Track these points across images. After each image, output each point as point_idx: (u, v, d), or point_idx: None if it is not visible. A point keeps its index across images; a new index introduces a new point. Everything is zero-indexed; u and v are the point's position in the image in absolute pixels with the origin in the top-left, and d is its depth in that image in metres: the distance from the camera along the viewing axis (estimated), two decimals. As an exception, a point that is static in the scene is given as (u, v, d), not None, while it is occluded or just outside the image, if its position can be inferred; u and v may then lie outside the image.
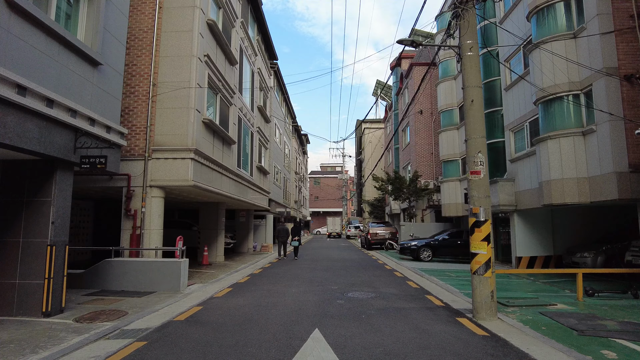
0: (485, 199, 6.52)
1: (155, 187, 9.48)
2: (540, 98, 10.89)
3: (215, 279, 10.20)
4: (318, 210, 67.36)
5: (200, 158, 9.86)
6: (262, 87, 18.82)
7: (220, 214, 14.73)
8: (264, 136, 18.75)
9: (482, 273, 6.29)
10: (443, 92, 20.53)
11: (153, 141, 9.54)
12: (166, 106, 9.64)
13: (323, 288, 8.80)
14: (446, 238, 16.83)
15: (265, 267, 13.22)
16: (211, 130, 10.85)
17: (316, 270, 12.44)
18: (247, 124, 15.32)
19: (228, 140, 12.33)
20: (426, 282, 10.12)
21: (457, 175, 19.48)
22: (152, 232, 9.37)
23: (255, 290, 8.60)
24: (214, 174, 11.09)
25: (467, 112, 6.82)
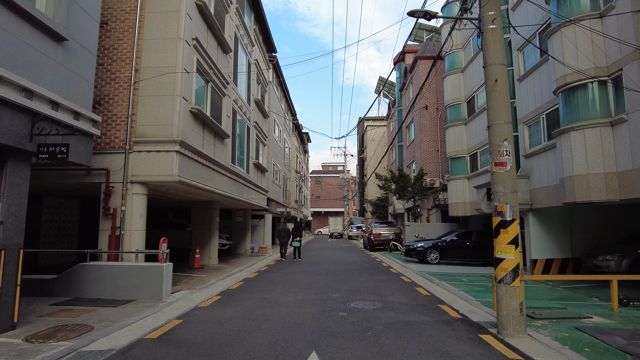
0: (512, 195, 5.57)
1: (137, 183, 8.56)
2: (561, 86, 9.92)
3: (204, 285, 9.27)
4: (319, 210, 66.36)
5: (187, 151, 8.93)
6: (260, 80, 17.89)
7: (213, 213, 13.80)
8: (261, 132, 17.82)
9: (510, 282, 5.34)
10: (450, 86, 19.56)
11: (135, 132, 8.62)
12: (150, 94, 8.72)
13: (323, 296, 7.86)
14: (455, 239, 15.87)
15: (261, 271, 12.28)
16: (201, 122, 9.93)
17: (316, 274, 11.50)
18: (243, 118, 14.40)
19: (221, 134, 11.40)
20: (437, 289, 9.17)
21: (465, 173, 18.51)
22: (133, 233, 8.45)
23: (246, 298, 7.67)
24: (204, 169, 10.16)
25: (490, 94, 5.87)
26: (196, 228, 13.70)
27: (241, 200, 14.02)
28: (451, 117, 19.45)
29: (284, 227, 17.39)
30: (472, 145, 17.94)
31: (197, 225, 13.71)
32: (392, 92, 40.78)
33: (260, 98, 17.67)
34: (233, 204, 15.52)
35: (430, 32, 29.81)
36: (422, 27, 30.33)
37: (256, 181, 16.75)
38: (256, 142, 16.94)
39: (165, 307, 6.86)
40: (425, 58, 23.40)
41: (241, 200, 14.02)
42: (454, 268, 14.04)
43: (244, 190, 14.52)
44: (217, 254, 13.82)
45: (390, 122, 33.67)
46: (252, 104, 16.02)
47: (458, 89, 19.24)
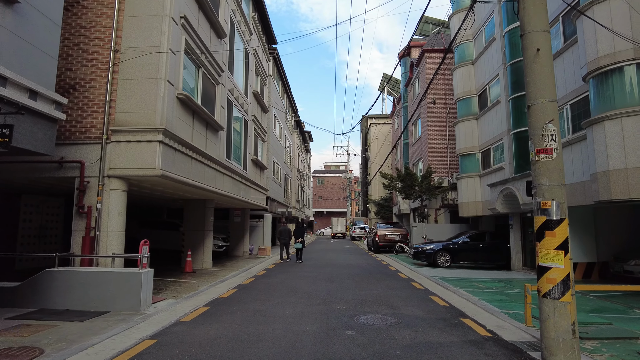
0: (559, 189, 4.53)
1: (115, 178, 7.55)
2: (593, 71, 8.85)
3: (192, 293, 8.25)
4: (322, 211, 65.30)
5: (173, 142, 7.92)
6: (259, 72, 16.88)
7: (207, 212, 12.78)
8: (260, 127, 16.81)
9: (558, 296, 4.29)
10: (460, 79, 18.50)
11: (113, 120, 7.61)
12: (130, 77, 7.71)
13: (326, 308, 6.82)
14: (467, 241, 14.80)
15: (258, 276, 11.25)
16: (190, 110, 8.91)
17: (318, 280, 10.46)
18: (239, 110, 13.38)
19: (214, 125, 10.38)
20: (454, 297, 8.11)
21: (476, 171, 17.44)
22: (111, 234, 7.44)
23: (237, 311, 6.64)
24: (194, 163, 9.14)
25: (530, 67, 4.83)
26: (189, 229, 12.69)
27: (237, 199, 13.01)
28: (461, 112, 18.38)
29: (285, 228, 16.46)
30: (484, 142, 16.87)
31: (190, 226, 12.70)
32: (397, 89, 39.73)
33: (259, 91, 16.66)
34: (229, 202, 14.51)
35: (436, 26, 28.75)
36: (428, 20, 29.27)
37: (254, 179, 15.73)
38: (255, 138, 15.92)
39: (142, 322, 5.84)
40: (432, 51, 22.34)
41: (237, 199, 13.01)
42: (467, 272, 12.98)
43: (241, 188, 13.50)
44: (211, 257, 12.81)
45: (394, 119, 32.61)
46: (250, 96, 15.01)
47: (469, 82, 18.18)
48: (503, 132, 15.09)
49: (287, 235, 16.14)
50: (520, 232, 14.27)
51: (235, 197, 12.63)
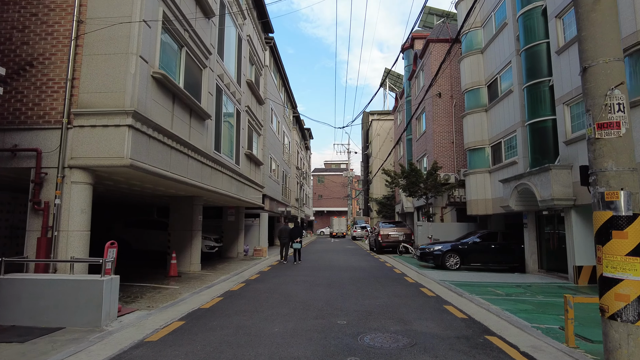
0: (630, 175, 3.44)
1: (78, 169, 6.46)
2: (632, 46, 7.75)
3: (171, 302, 7.17)
4: (322, 210, 64.22)
5: (146, 128, 6.83)
6: (254, 61, 15.79)
7: (195, 210, 11.70)
8: (255, 119, 15.72)
9: (634, 319, 3.21)
10: (468, 69, 17.40)
11: (76, 102, 6.52)
12: (97, 52, 6.63)
13: (324, 323, 5.72)
14: (477, 241, 13.71)
15: (249, 280, 10.17)
16: (169, 93, 7.83)
17: (316, 285, 9.38)
18: (231, 99, 12.30)
19: (199, 113, 9.30)
20: (472, 307, 7.03)
21: (486, 166, 16.34)
22: (72, 235, 6.35)
23: (217, 327, 5.55)
24: (175, 154, 8.06)
25: (587, 16, 3.73)
26: (175, 228, 11.60)
27: (229, 196, 11.92)
28: (469, 104, 17.28)
29: (285, 227, 15.51)
30: (495, 135, 15.77)
31: (176, 225, 11.61)
32: (399, 84, 38.63)
33: (254, 81, 15.57)
34: (221, 200, 13.43)
35: (441, 17, 27.63)
36: (432, 11, 28.17)
37: (249, 175, 14.65)
38: (249, 130, 14.83)
39: (98, 342, 4.76)
40: (438, 41, 21.24)
41: (229, 196, 11.92)
42: (479, 275, 11.90)
43: (233, 184, 12.42)
44: (199, 259, 11.72)
45: (397, 115, 31.50)
46: (243, 85, 13.91)
47: (477, 72, 17.08)
48: (516, 124, 13.99)
49: (286, 234, 15.22)
50: (536, 232, 13.18)
51: (226, 193, 11.55)
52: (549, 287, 9.79)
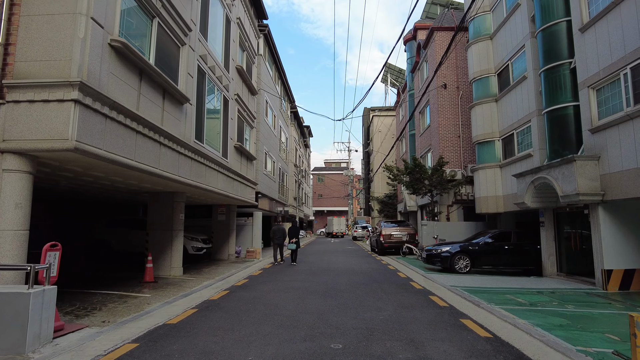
0: None
1: (12, 154, 5.27)
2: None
3: (133, 315, 5.97)
4: (322, 209, 62.99)
5: (100, 106, 5.63)
6: (245, 47, 14.60)
7: (176, 208, 10.49)
8: (246, 109, 14.52)
9: None
10: (476, 56, 16.18)
11: (11, 72, 5.34)
12: (37, 12, 5.43)
13: (314, 347, 4.51)
14: (489, 242, 12.50)
15: (235, 287, 8.98)
16: (134, 68, 6.63)
17: (310, 294, 8.18)
18: (216, 84, 11.11)
19: (175, 95, 8.10)
20: (495, 322, 5.82)
21: (496, 161, 15.13)
22: (3, 235, 5.16)
23: (175, 353, 4.35)
24: (142, 140, 6.86)
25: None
26: (153, 228, 10.40)
27: (214, 192, 10.73)
28: (478, 94, 16.07)
29: (279, 227, 14.48)
30: (506, 126, 14.56)
31: (155, 224, 10.41)
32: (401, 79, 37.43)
33: (245, 68, 14.38)
34: (207, 197, 12.24)
35: (444, 7, 26.43)
36: (436, 1, 26.97)
37: (239, 170, 13.46)
38: (239, 121, 13.64)
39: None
40: (443, 29, 20.02)
41: (214, 192, 10.73)
42: (493, 280, 10.69)
43: (219, 179, 11.22)
44: (180, 262, 10.52)
45: (399, 110, 30.28)
46: (232, 71, 12.72)
47: (486, 59, 15.86)
48: (531, 113, 12.78)
49: (281, 234, 14.32)
50: (554, 231, 11.96)
51: (211, 189, 10.36)
52: (576, 294, 8.58)
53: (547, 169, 10.67)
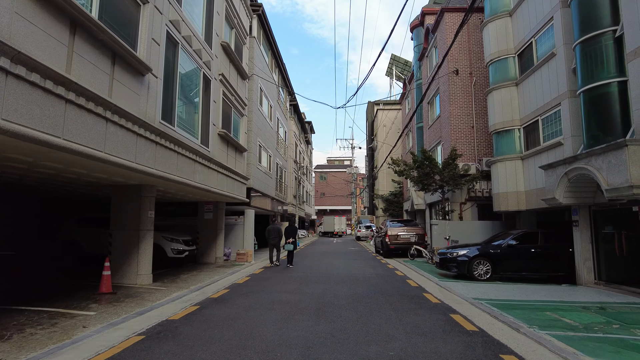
0: None
1: None
2: None
3: (46, 351, 4.33)
4: (324, 208, 61.24)
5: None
6: (233, 24, 12.95)
7: (144, 204, 8.83)
8: (235, 94, 12.87)
9: None
10: (493, 36, 14.44)
11: None
12: None
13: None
14: (513, 244, 10.78)
15: (209, 300, 7.33)
16: (61, 16, 4.98)
17: (298, 312, 6.50)
18: (194, 58, 9.45)
19: (131, 62, 6.45)
20: (547, 356, 4.12)
21: (517, 152, 13.40)
22: None
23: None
24: (76, 113, 5.21)
25: None
26: (116, 227, 8.76)
27: (191, 185, 9.08)
28: (495, 77, 14.32)
29: (275, 227, 13.60)
30: (529, 112, 12.83)
31: (118, 223, 8.78)
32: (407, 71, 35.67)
33: (234, 48, 12.73)
34: (186, 192, 10.60)
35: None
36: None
37: (225, 161, 11.81)
38: (225, 106, 11.99)
39: None
40: (454, 10, 18.27)
41: (191, 185, 9.08)
42: (520, 290, 8.98)
43: (197, 170, 9.57)
44: (149, 268, 8.87)
45: (405, 102, 28.54)
46: (215, 47, 11.07)
47: (505, 39, 14.11)
48: (561, 95, 11.05)
49: (276, 234, 13.37)
50: (590, 232, 10.22)
51: (185, 181, 8.71)
52: (634, 312, 6.85)
53: (586, 158, 8.93)
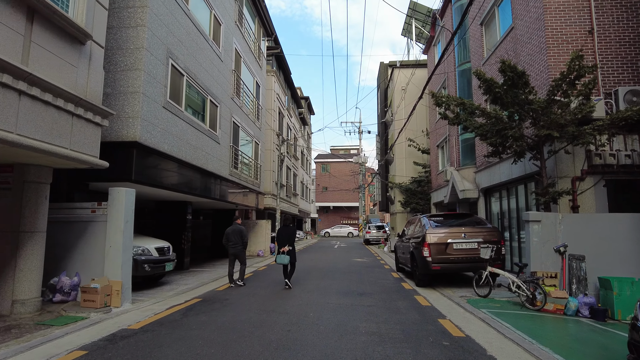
0: None
1: None
2: None
3: None
4: (327, 205, 52.76)
5: None
6: None
7: None
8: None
9: None
10: None
11: None
12: None
13: None
14: None
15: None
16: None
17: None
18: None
19: None
20: None
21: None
22: None
23: None
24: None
25: None
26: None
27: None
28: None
29: (236, 229, 9.38)
30: None
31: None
32: (428, 25, 27.11)
33: None
34: None
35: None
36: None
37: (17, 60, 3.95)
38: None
39: None
40: None
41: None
42: None
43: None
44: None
45: (433, 50, 20.08)
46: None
47: None
48: None
49: (238, 239, 9.34)
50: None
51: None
52: None
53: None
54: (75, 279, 6.53)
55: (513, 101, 7.77)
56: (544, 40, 8.98)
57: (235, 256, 9.31)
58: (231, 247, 9.29)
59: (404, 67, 23.90)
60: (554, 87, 7.55)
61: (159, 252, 8.71)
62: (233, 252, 9.29)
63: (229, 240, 9.32)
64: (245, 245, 9.52)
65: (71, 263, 6.67)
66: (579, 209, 8.22)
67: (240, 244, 9.31)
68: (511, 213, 11.25)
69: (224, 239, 9.38)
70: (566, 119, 7.40)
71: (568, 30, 8.88)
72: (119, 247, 6.54)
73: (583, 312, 6.32)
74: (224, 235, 9.39)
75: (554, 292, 6.62)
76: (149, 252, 8.40)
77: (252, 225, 17.28)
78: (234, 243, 9.27)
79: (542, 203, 8.09)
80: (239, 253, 9.30)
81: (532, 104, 7.64)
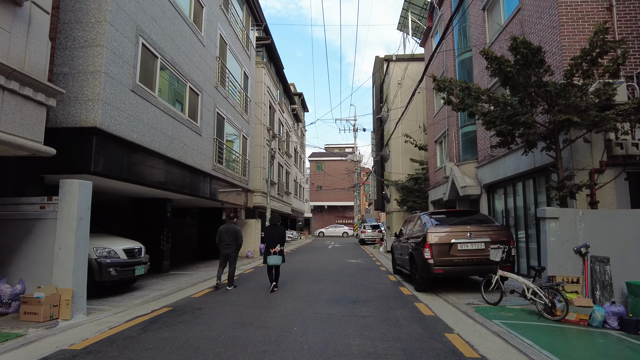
0: None
1: None
2: None
3: None
4: (322, 205, 51.89)
5: None
6: None
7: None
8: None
9: None
10: None
11: None
12: None
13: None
14: None
15: None
16: None
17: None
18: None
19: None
20: None
21: None
22: None
23: None
24: None
25: None
26: None
27: None
28: None
29: (230, 228, 8.75)
30: None
31: None
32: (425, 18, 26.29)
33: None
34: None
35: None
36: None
37: None
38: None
39: None
40: None
41: None
42: None
43: None
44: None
45: (430, 41, 19.22)
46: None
47: None
48: None
49: (232, 239, 8.66)
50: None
51: None
52: None
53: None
54: (18, 286, 5.57)
55: (526, 82, 6.88)
56: (556, 19, 8.12)
57: (227, 257, 8.71)
58: (224, 248, 8.69)
59: (400, 61, 23.03)
60: (572, 67, 6.68)
61: (128, 254, 7.76)
62: (225, 253, 8.69)
63: (222, 240, 8.71)
64: (239, 247, 8.91)
65: (14, 268, 5.70)
66: (598, 204, 7.37)
67: (234, 245, 8.73)
68: (517, 211, 10.39)
69: (217, 238, 8.78)
70: (588, 102, 6.53)
71: (584, 6, 8.02)
72: (71, 248, 5.58)
73: (611, 323, 5.47)
74: (217, 234, 8.81)
75: (576, 299, 5.75)
76: (115, 254, 7.45)
77: (241, 225, 16.33)
78: (227, 244, 8.68)
79: (558, 198, 7.22)
80: (231, 254, 8.71)
81: (548, 85, 6.76)
